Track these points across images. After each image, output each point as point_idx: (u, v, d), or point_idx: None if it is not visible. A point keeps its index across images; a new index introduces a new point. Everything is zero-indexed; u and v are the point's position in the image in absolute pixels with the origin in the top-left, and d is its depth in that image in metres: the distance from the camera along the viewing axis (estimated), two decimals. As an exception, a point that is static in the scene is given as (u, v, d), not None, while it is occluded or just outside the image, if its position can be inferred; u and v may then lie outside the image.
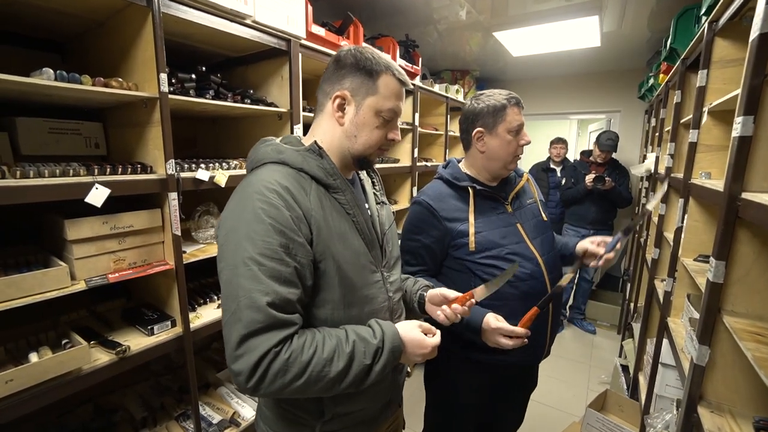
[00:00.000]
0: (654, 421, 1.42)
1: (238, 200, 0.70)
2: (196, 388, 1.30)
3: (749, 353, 0.69)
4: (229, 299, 0.64)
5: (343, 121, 0.77)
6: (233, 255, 0.65)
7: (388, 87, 0.75)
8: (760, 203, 0.72)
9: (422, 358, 0.77)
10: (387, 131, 0.78)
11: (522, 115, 1.12)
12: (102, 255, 1.08)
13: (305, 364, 0.64)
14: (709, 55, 1.25)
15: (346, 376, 0.67)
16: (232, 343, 0.63)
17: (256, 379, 0.62)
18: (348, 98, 0.75)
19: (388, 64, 0.76)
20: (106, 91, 0.99)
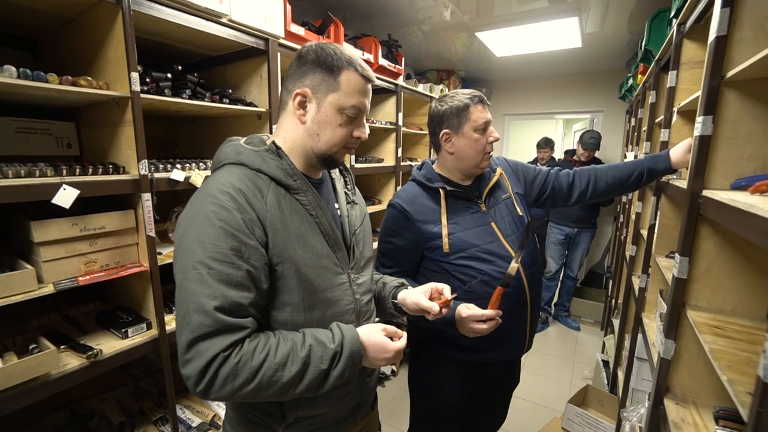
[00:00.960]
0: (630, 415, 1.45)
1: (193, 203, 0.69)
2: (173, 391, 1.28)
3: (707, 346, 0.71)
4: (180, 303, 0.64)
5: (305, 119, 0.75)
6: (183, 259, 0.64)
7: (350, 83, 0.73)
8: (719, 200, 0.74)
9: (385, 362, 0.76)
10: (352, 129, 0.76)
11: (487, 113, 1.13)
12: (72, 257, 1.06)
13: (256, 369, 0.63)
14: (678, 56, 1.28)
15: (301, 381, 0.66)
16: (181, 347, 0.62)
17: (205, 384, 0.61)
18: (309, 96, 0.73)
19: (351, 59, 0.73)
20: (73, 90, 0.97)
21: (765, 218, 0.52)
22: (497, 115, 4.35)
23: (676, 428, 0.82)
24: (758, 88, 0.77)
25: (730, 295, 0.86)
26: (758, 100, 0.78)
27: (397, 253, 1.15)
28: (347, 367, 0.70)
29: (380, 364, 0.77)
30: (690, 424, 0.83)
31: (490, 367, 1.24)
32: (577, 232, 3.26)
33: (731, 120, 0.81)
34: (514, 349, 1.19)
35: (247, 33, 1.39)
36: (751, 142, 0.80)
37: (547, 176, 1.30)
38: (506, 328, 1.14)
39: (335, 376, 0.69)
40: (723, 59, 0.78)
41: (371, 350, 0.73)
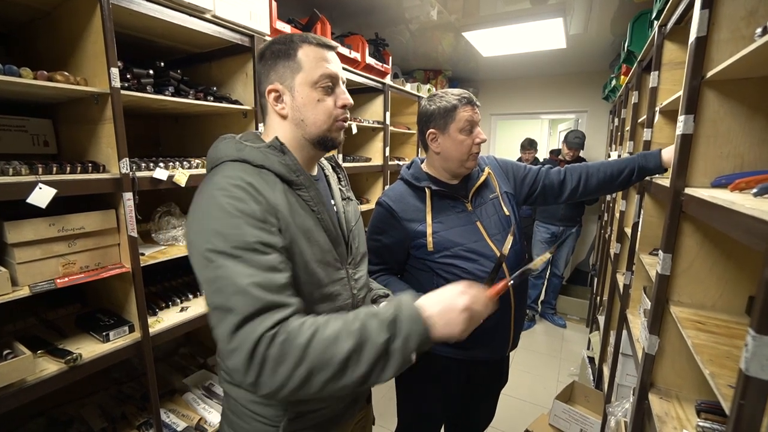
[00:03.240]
0: (615, 410, 1.48)
1: (201, 200, 0.66)
2: (156, 395, 1.25)
3: (689, 340, 0.73)
4: (214, 296, 0.61)
5: (285, 111, 0.75)
6: (208, 255, 0.61)
7: (309, 56, 0.73)
8: (700, 198, 0.75)
9: (466, 323, 0.66)
10: (333, 100, 0.75)
11: (475, 113, 1.13)
12: (49, 258, 1.02)
13: (304, 346, 0.58)
14: (659, 57, 1.31)
15: (359, 359, 0.59)
16: (224, 338, 0.59)
17: (255, 371, 0.57)
18: (280, 88, 0.74)
19: (301, 36, 0.74)
20: (49, 85, 0.94)
21: (745, 214, 0.53)
22: (484, 115, 4.39)
23: (660, 422, 0.83)
24: (736, 88, 0.79)
25: (711, 290, 0.88)
26: (736, 100, 0.80)
27: (384, 250, 1.16)
28: (411, 336, 0.61)
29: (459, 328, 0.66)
30: (673, 418, 0.85)
31: (478, 366, 1.24)
32: (563, 230, 3.31)
33: (711, 119, 0.83)
34: (499, 347, 1.20)
35: (232, 29, 1.36)
36: (729, 141, 0.83)
37: (537, 174, 1.31)
38: (491, 327, 1.15)
39: (398, 349, 0.60)
40: (703, 60, 0.80)
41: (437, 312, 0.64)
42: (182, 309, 1.39)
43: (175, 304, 1.41)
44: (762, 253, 0.45)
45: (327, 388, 0.59)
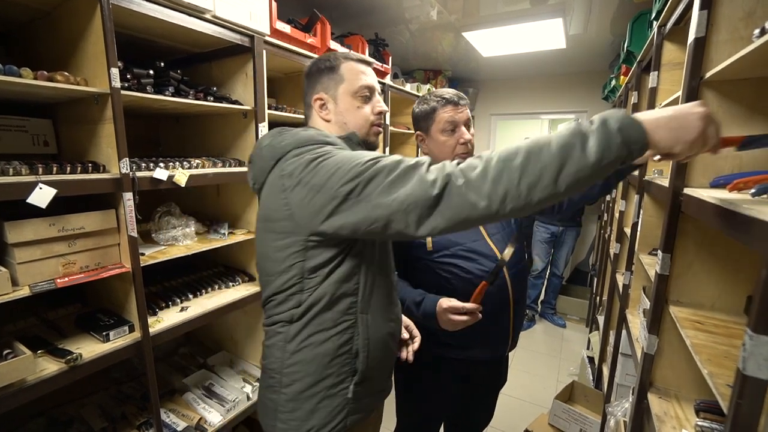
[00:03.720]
0: (614, 409, 1.48)
1: (312, 157, 0.72)
2: (156, 395, 1.25)
3: (688, 340, 0.73)
4: (382, 178, 0.65)
5: (329, 116, 0.87)
6: (356, 165, 0.67)
7: (351, 70, 0.86)
8: (699, 198, 0.76)
9: (701, 131, 0.56)
10: (371, 108, 0.88)
11: (459, 113, 1.11)
12: (49, 258, 1.02)
13: (503, 154, 0.60)
14: (659, 57, 1.31)
15: (554, 142, 0.58)
16: (421, 179, 0.62)
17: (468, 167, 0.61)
18: (325, 97, 0.87)
19: (344, 54, 0.89)
20: (49, 85, 0.94)
21: (743, 215, 0.53)
22: (484, 115, 4.39)
23: (659, 421, 0.84)
24: (735, 88, 0.80)
25: (709, 290, 0.89)
26: (734, 101, 0.80)
27: None
28: (609, 117, 0.58)
29: (698, 131, 0.57)
30: (672, 417, 0.85)
31: (477, 366, 1.24)
32: (563, 230, 3.31)
33: (710, 120, 0.83)
34: (498, 347, 1.20)
35: (232, 30, 1.36)
36: (728, 141, 0.83)
37: None
38: (489, 327, 1.15)
39: (595, 129, 0.57)
40: (702, 60, 0.80)
41: (658, 115, 0.58)
42: (182, 309, 1.39)
43: (175, 304, 1.41)
44: (760, 253, 0.45)
45: (538, 170, 0.58)
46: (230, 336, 1.84)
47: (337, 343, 0.80)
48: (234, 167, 1.48)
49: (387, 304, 0.87)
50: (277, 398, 0.83)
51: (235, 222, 1.67)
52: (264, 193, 0.81)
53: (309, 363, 0.80)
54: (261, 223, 0.82)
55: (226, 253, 1.72)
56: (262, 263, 0.84)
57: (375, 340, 0.83)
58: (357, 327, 0.81)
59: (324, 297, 0.78)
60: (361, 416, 0.86)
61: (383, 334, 0.86)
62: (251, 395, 1.62)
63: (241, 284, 1.63)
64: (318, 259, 0.76)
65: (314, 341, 0.80)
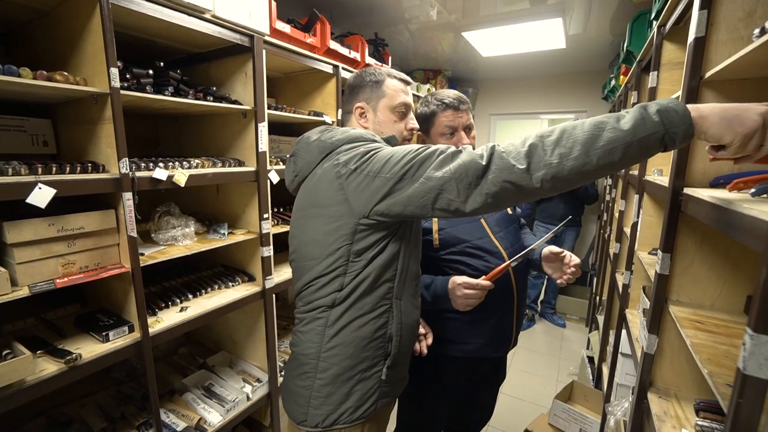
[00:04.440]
0: (614, 409, 1.48)
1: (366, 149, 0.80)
2: (156, 395, 1.25)
3: (688, 340, 0.73)
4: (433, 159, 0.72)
5: (368, 124, 0.96)
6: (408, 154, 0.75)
7: (393, 88, 0.94)
8: (699, 198, 0.76)
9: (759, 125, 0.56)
10: (405, 123, 0.96)
11: (459, 117, 1.12)
12: (49, 259, 1.02)
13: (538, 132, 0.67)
14: (658, 57, 1.31)
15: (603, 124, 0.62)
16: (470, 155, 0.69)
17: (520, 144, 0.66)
18: (366, 107, 0.95)
19: (389, 71, 0.97)
20: (48, 85, 0.93)
21: (743, 214, 0.53)
22: (483, 115, 4.39)
23: (659, 421, 0.84)
24: (734, 88, 0.80)
25: (709, 290, 0.89)
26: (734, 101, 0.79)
27: None
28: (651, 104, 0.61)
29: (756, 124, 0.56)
30: (672, 417, 0.85)
31: (476, 364, 1.24)
32: (563, 230, 3.31)
33: (710, 119, 0.83)
34: (500, 345, 1.20)
35: (232, 29, 1.36)
36: (728, 141, 0.83)
37: None
38: (492, 324, 1.15)
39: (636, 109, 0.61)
40: (701, 60, 0.80)
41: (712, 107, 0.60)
42: (182, 309, 1.39)
43: (175, 304, 1.41)
44: (760, 252, 0.45)
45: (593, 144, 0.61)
46: (230, 336, 1.84)
47: (374, 327, 0.86)
48: (234, 167, 1.48)
49: (415, 292, 0.95)
50: (311, 384, 0.87)
51: (235, 222, 1.67)
52: (311, 184, 0.87)
53: (347, 346, 0.85)
54: (304, 211, 0.88)
55: (225, 253, 1.72)
56: (303, 249, 0.89)
57: (406, 325, 0.90)
58: (392, 311, 0.87)
59: (366, 280, 0.83)
60: (389, 400, 0.92)
61: (413, 320, 0.93)
62: (251, 395, 1.62)
63: (241, 284, 1.62)
64: (364, 243, 0.82)
65: (355, 325, 0.85)
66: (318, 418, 0.86)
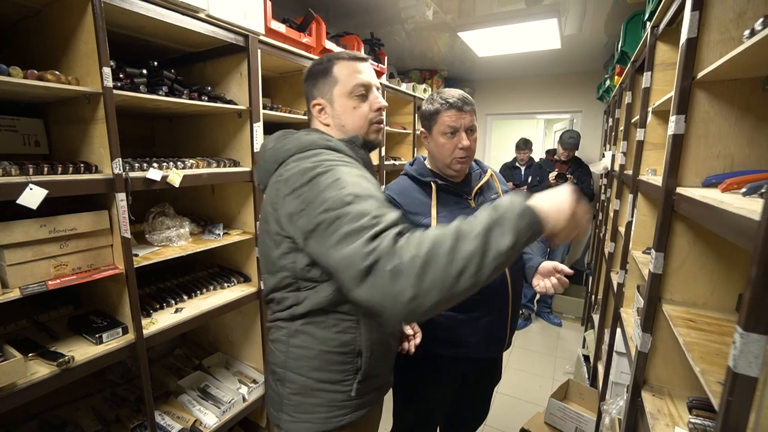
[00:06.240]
0: (609, 407, 1.49)
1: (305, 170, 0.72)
2: (151, 397, 1.24)
3: (681, 338, 0.73)
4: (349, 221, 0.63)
5: (328, 120, 0.87)
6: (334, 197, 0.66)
7: (343, 70, 0.85)
8: (691, 197, 0.76)
9: (570, 216, 0.62)
10: (369, 105, 0.86)
11: (462, 118, 1.11)
12: (40, 260, 1.01)
13: (434, 238, 0.61)
14: (652, 58, 1.32)
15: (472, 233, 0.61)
16: (361, 243, 0.60)
17: (397, 254, 0.58)
18: (322, 102, 0.87)
19: (336, 54, 0.87)
20: (39, 84, 0.93)
21: (734, 213, 0.54)
22: (479, 115, 4.39)
23: (653, 419, 0.84)
24: (726, 89, 0.80)
25: (702, 288, 0.89)
26: (726, 101, 0.81)
27: None
28: (515, 202, 0.63)
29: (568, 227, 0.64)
30: (666, 415, 0.86)
31: (472, 364, 1.25)
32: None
33: (702, 119, 0.84)
34: (494, 345, 1.21)
35: (226, 29, 1.36)
36: (720, 141, 0.84)
37: None
38: (486, 324, 1.16)
39: (505, 212, 0.62)
40: (694, 61, 0.80)
41: (547, 207, 0.63)
42: (177, 310, 1.38)
43: (170, 305, 1.40)
44: (750, 251, 0.45)
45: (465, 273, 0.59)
46: (226, 337, 1.83)
47: (339, 342, 0.81)
48: (229, 167, 1.48)
49: None
50: (282, 391, 0.86)
51: (230, 222, 1.66)
52: (265, 195, 0.83)
53: (313, 359, 0.82)
54: (261, 223, 0.84)
55: (221, 253, 1.71)
56: (262, 262, 0.86)
57: (377, 341, 0.85)
58: (359, 328, 0.82)
59: (324, 298, 0.78)
60: (365, 411, 0.89)
61: (385, 334, 0.88)
62: (247, 396, 1.61)
63: (237, 285, 1.62)
64: (307, 261, 0.75)
65: (318, 339, 0.81)
66: (290, 424, 0.85)
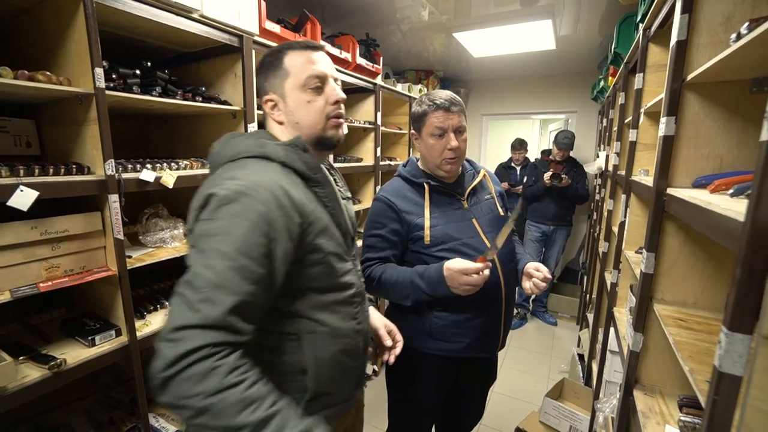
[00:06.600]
0: (603, 406, 1.50)
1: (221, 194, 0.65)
2: (145, 400, 1.24)
3: (671, 338, 0.74)
4: (190, 286, 0.60)
5: (281, 117, 0.79)
6: (209, 248, 0.61)
7: (294, 61, 0.77)
8: (681, 198, 0.77)
9: None
10: (324, 98, 0.79)
11: (450, 119, 1.11)
12: (32, 262, 1.00)
13: (219, 388, 0.56)
14: (644, 59, 1.33)
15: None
16: (173, 325, 0.58)
17: (173, 372, 0.55)
18: (274, 97, 0.79)
19: (286, 44, 0.80)
20: (30, 85, 0.92)
21: (720, 215, 0.54)
22: (475, 115, 4.42)
23: (644, 418, 0.85)
24: (715, 91, 0.81)
25: (692, 288, 0.90)
26: (715, 103, 0.82)
27: (384, 243, 1.16)
28: None
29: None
30: (657, 413, 0.86)
31: (467, 365, 1.25)
32: (554, 229, 3.34)
33: (692, 121, 0.85)
34: (487, 345, 1.21)
35: (220, 29, 1.35)
36: (709, 142, 0.85)
37: None
38: (480, 324, 1.16)
39: None
40: (683, 63, 0.81)
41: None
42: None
43: (164, 306, 1.40)
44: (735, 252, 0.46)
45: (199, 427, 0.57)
46: (220, 338, 1.82)
47: (281, 360, 0.76)
48: (223, 168, 1.47)
49: (339, 322, 0.80)
50: None
51: (225, 223, 1.65)
52: None
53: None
54: None
55: (215, 254, 1.70)
56: None
57: (324, 360, 0.78)
58: (302, 347, 0.76)
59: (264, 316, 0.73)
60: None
61: (334, 352, 0.79)
62: (242, 398, 1.60)
63: (231, 286, 1.61)
64: None
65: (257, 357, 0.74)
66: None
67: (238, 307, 0.60)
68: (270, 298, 0.68)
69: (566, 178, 3.07)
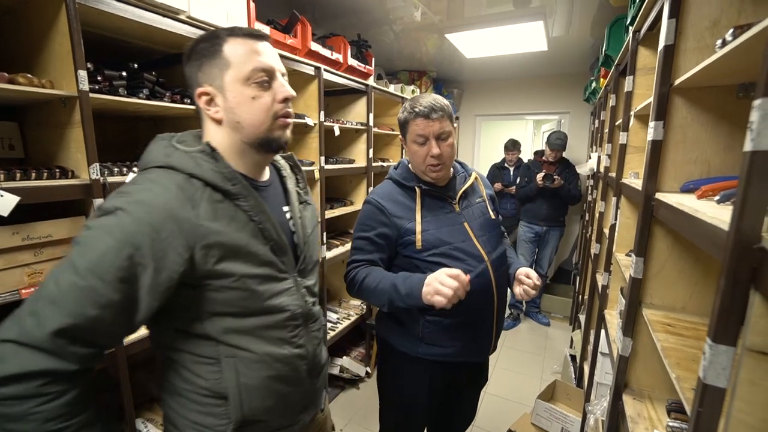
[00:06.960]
0: (594, 408, 1.50)
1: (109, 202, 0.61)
2: (131, 406, 1.22)
3: (659, 344, 0.74)
4: (35, 294, 0.56)
5: (219, 114, 0.69)
6: (68, 257, 0.57)
7: (236, 50, 0.67)
8: (668, 203, 0.77)
9: None
10: (272, 95, 0.70)
11: (430, 126, 1.09)
12: (13, 268, 0.98)
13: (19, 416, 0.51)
14: (634, 62, 1.33)
15: None
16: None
17: None
18: (210, 90, 0.68)
19: (227, 30, 0.69)
20: (9, 88, 0.90)
21: (706, 222, 0.54)
22: (468, 116, 4.42)
23: (633, 422, 0.85)
24: (702, 95, 0.81)
25: (680, 293, 0.90)
26: (702, 107, 0.82)
27: (371, 246, 1.15)
28: None
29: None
30: (645, 419, 0.87)
31: (458, 368, 1.25)
32: (547, 230, 3.36)
33: (680, 125, 0.85)
34: (479, 350, 1.21)
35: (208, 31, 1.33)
36: (697, 147, 0.85)
37: None
38: (471, 329, 1.16)
39: None
40: (671, 68, 0.81)
41: None
42: (159, 316, 1.35)
43: (152, 311, 1.38)
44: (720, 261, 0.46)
45: None
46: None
47: (200, 385, 0.70)
48: (212, 171, 1.45)
49: (267, 347, 0.72)
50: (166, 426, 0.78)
51: (215, 226, 1.63)
52: None
53: (179, 396, 0.72)
54: None
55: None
56: None
57: (251, 387, 0.71)
58: (222, 372, 0.69)
59: (170, 335, 0.69)
60: None
61: (262, 378, 0.72)
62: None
63: (221, 290, 1.59)
64: None
65: (178, 377, 0.72)
66: None
67: (69, 330, 0.54)
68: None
69: (559, 179, 3.09)
